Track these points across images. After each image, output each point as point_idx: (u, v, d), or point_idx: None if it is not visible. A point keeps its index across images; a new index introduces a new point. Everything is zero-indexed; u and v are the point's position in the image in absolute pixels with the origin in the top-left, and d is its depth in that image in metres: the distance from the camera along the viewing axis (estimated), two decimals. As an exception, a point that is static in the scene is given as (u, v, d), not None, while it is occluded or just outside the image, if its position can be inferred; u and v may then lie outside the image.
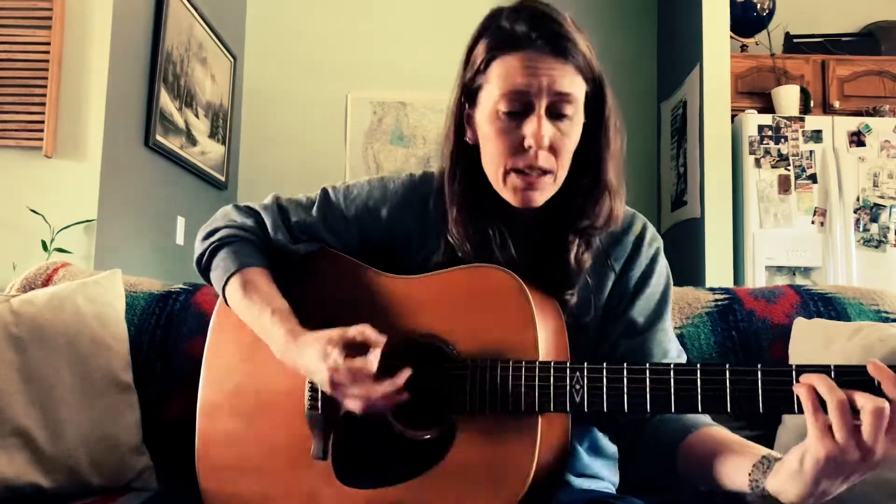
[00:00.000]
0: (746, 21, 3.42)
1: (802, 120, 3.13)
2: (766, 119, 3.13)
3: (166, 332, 1.32)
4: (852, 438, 0.64)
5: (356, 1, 4.01)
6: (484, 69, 0.89)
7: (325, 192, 1.06)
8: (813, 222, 3.06)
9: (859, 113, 3.23)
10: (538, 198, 0.90)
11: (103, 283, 1.30)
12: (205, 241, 1.03)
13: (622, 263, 0.99)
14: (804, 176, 3.09)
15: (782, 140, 3.11)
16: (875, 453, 0.64)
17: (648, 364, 0.80)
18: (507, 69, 0.87)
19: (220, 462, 0.99)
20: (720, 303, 1.35)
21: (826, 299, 1.34)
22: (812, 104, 3.26)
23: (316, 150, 3.90)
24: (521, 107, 0.87)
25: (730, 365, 0.76)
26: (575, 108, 0.88)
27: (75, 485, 1.13)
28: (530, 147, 0.87)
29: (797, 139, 3.11)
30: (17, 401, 1.11)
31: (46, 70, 2.44)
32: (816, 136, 3.11)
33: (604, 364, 0.82)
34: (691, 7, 3.43)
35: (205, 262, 1.02)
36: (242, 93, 3.96)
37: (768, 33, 3.42)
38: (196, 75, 3.29)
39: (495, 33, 0.89)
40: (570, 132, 0.89)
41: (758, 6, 3.41)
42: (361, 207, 1.03)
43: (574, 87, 0.87)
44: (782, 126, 3.12)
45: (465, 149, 0.95)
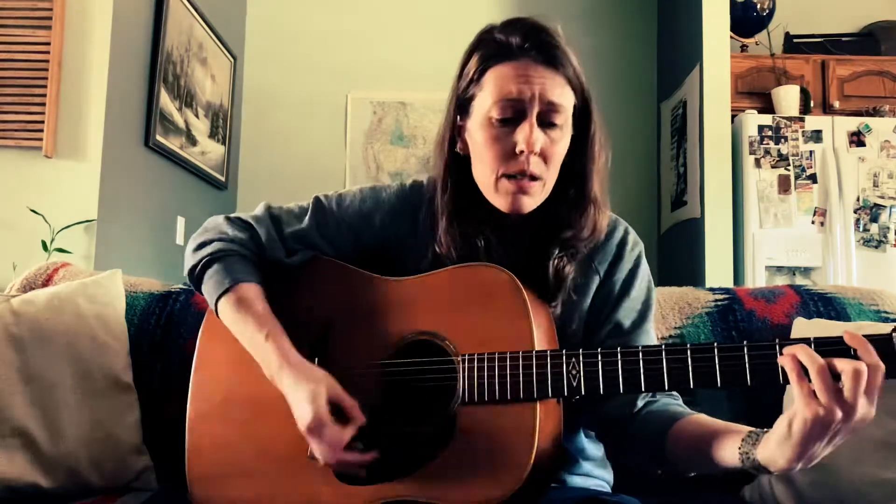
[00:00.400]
0: (746, 21, 3.42)
1: (802, 120, 3.13)
2: (766, 119, 3.13)
3: (166, 332, 1.32)
4: (835, 399, 0.69)
5: (356, 1, 4.01)
6: (478, 79, 0.93)
7: (318, 200, 1.07)
8: (813, 222, 3.06)
9: (859, 113, 3.23)
10: (528, 203, 0.93)
11: (103, 283, 1.30)
12: (196, 253, 1.02)
13: (606, 267, 1.02)
14: (804, 176, 3.09)
15: (782, 140, 3.11)
16: (856, 411, 0.69)
17: (641, 346, 0.83)
18: (501, 77, 0.91)
19: (213, 470, 0.99)
20: (720, 303, 1.35)
21: (826, 299, 1.34)
22: (812, 104, 3.26)
23: (316, 150, 3.91)
24: (514, 114, 0.90)
25: (717, 343, 0.79)
26: (564, 119, 0.92)
27: (75, 485, 1.13)
28: (522, 152, 0.89)
29: (797, 139, 3.11)
30: (18, 401, 1.12)
31: (46, 70, 2.44)
32: (816, 137, 3.11)
33: (598, 349, 0.84)
34: (691, 7, 3.43)
35: (197, 274, 1.02)
36: (242, 93, 3.96)
37: (768, 33, 3.42)
38: (196, 75, 3.29)
39: (489, 45, 0.93)
40: (560, 141, 0.93)
41: (758, 6, 3.41)
42: (355, 214, 1.05)
43: (564, 98, 0.92)
44: (782, 126, 3.12)
45: (457, 159, 0.98)
